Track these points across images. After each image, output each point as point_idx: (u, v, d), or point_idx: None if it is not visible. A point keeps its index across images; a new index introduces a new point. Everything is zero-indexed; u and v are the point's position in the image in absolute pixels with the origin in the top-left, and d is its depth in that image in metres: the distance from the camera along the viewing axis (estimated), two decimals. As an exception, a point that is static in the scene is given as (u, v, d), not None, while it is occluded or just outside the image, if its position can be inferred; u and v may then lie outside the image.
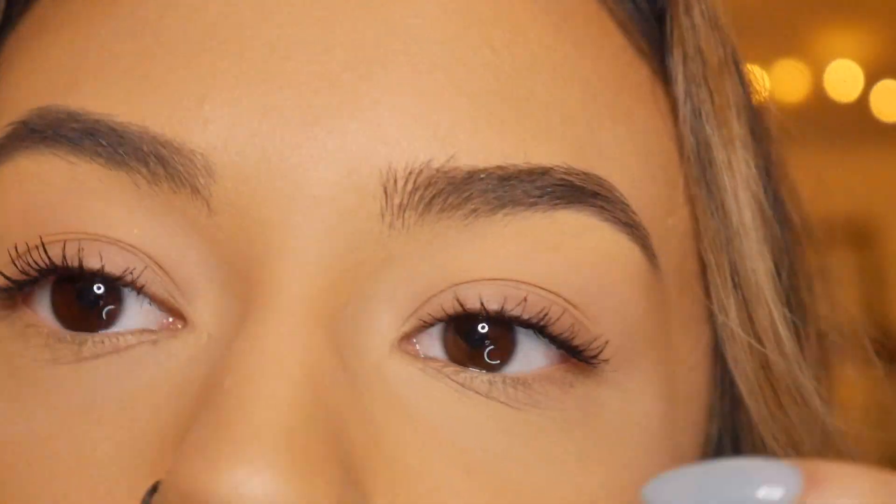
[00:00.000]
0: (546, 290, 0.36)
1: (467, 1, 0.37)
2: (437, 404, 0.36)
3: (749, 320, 0.40)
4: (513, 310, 0.36)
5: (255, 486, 0.31)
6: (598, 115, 0.38)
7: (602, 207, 0.37)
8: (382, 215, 0.35)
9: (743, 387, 0.40)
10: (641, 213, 0.37)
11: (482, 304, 0.36)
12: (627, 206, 0.37)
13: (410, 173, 0.35)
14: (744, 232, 0.40)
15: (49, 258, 0.36)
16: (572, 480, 0.36)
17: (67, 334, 0.36)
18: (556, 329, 0.36)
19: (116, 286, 0.36)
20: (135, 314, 0.36)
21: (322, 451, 0.33)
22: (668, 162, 0.40)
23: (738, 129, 0.41)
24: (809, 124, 0.53)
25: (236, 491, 0.31)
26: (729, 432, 0.44)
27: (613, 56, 0.40)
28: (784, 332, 0.40)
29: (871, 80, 2.48)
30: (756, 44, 0.51)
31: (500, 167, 0.36)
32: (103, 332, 0.36)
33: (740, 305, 0.40)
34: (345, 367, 0.35)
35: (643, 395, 0.38)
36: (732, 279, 0.41)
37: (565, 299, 0.36)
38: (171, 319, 0.36)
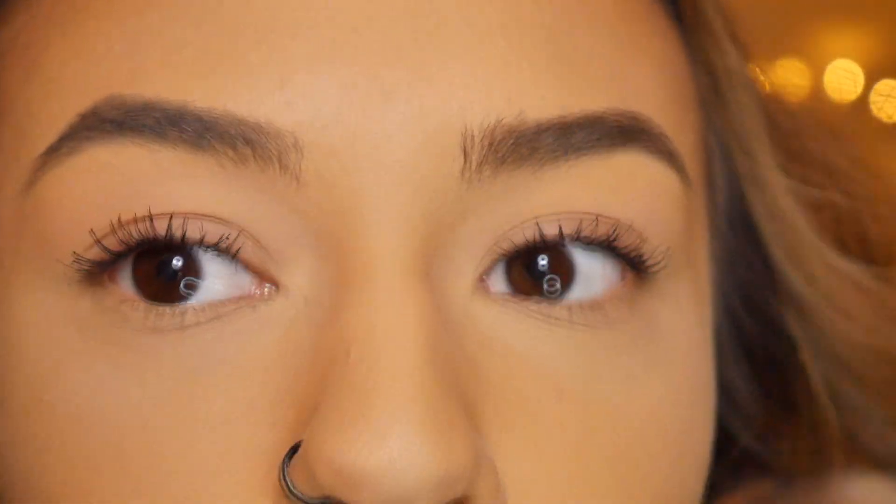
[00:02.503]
0: (611, 217, 0.41)
1: None
2: (524, 336, 0.38)
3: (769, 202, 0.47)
4: (585, 230, 0.39)
5: (408, 457, 0.34)
6: (628, 57, 0.41)
7: (648, 143, 0.40)
8: (462, 174, 0.38)
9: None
10: (672, 139, 0.42)
11: (560, 229, 0.38)
12: (666, 137, 0.41)
13: (486, 132, 0.37)
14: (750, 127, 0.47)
15: (155, 229, 0.37)
16: (642, 391, 0.39)
17: (167, 307, 0.37)
18: (622, 242, 0.41)
19: (195, 259, 0.37)
20: (216, 285, 0.37)
21: (455, 410, 0.35)
22: (682, 86, 0.44)
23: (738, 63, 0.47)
24: (809, 124, 0.54)
25: (393, 464, 0.33)
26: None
27: None
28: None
29: (871, 80, 2.48)
30: (756, 44, 0.51)
31: (560, 117, 0.39)
32: (200, 302, 0.37)
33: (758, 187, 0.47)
34: (444, 317, 0.37)
35: (687, 303, 0.41)
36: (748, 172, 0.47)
37: (627, 224, 0.40)
38: (262, 288, 0.38)
